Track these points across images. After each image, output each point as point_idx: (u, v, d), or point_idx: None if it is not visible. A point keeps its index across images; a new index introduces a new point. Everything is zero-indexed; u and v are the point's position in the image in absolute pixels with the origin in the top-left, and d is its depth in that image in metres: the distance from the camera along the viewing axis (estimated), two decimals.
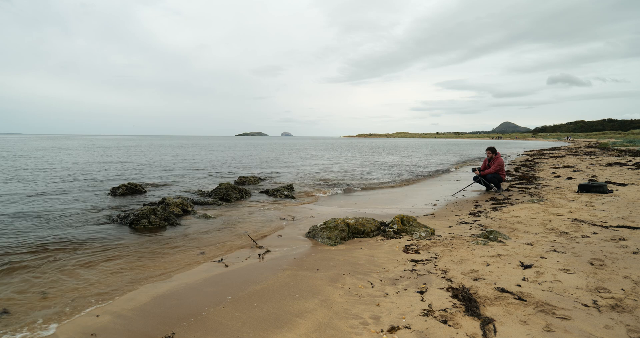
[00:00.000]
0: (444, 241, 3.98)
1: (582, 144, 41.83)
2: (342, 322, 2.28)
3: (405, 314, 2.33)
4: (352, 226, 4.44)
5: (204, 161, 18.44)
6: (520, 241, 3.87)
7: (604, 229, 4.19)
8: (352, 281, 2.95)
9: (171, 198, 6.14)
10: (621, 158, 14.57)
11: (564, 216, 4.96)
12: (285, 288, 2.86)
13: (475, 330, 2.09)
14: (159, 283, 3.09)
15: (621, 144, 31.27)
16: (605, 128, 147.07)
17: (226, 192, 7.46)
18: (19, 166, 13.76)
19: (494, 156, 8.11)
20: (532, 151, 29.66)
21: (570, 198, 6.29)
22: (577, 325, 2.11)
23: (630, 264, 3.04)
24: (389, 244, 4.01)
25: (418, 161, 20.64)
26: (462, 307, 2.38)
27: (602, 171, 10.18)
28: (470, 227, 4.68)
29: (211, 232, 4.91)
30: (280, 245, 4.20)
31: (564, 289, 2.61)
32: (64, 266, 3.53)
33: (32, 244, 4.20)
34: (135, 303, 2.67)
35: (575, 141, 67.58)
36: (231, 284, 2.99)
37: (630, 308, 2.28)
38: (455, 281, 2.82)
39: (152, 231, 4.82)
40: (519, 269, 3.03)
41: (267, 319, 2.36)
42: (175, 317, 2.44)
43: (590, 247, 3.54)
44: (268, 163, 18.07)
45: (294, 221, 5.50)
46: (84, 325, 2.37)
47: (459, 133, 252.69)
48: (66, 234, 4.67)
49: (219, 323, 2.33)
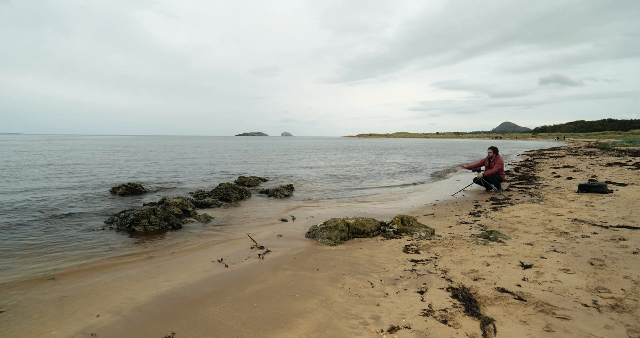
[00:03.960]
0: (444, 241, 3.98)
1: (582, 144, 41.82)
2: (342, 322, 2.28)
3: (405, 314, 2.33)
4: (352, 226, 4.44)
5: (204, 161, 18.44)
6: (520, 241, 3.87)
7: (604, 229, 4.19)
8: (352, 281, 2.95)
9: (171, 198, 6.14)
10: (621, 158, 14.57)
11: (564, 216, 4.96)
12: (285, 288, 2.86)
13: (475, 330, 2.09)
14: (159, 283, 3.09)
15: (621, 144, 31.27)
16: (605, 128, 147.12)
17: (226, 192, 7.47)
18: (19, 167, 13.76)
19: (494, 156, 8.13)
20: (532, 151, 29.66)
21: (570, 198, 6.29)
22: (577, 325, 2.11)
23: (630, 264, 3.04)
24: (389, 244, 4.01)
25: (418, 161, 20.65)
26: (462, 307, 2.38)
27: (602, 171, 10.18)
28: (470, 227, 4.68)
29: (211, 232, 4.91)
30: (280, 245, 4.20)
31: (564, 289, 2.61)
32: (64, 266, 3.53)
33: (31, 243, 4.20)
34: (135, 303, 2.67)
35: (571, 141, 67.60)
36: (231, 284, 2.99)
37: (630, 308, 2.28)
38: (455, 281, 2.82)
39: (152, 232, 4.82)
40: (519, 269, 3.03)
41: (267, 319, 2.36)
42: (175, 317, 2.44)
43: (590, 247, 3.54)
44: (268, 163, 18.07)
45: (294, 221, 5.50)
46: (84, 325, 2.37)
47: (458, 133, 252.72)
48: (66, 234, 4.67)
49: (219, 323, 2.33)
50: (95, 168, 14.01)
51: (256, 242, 4.27)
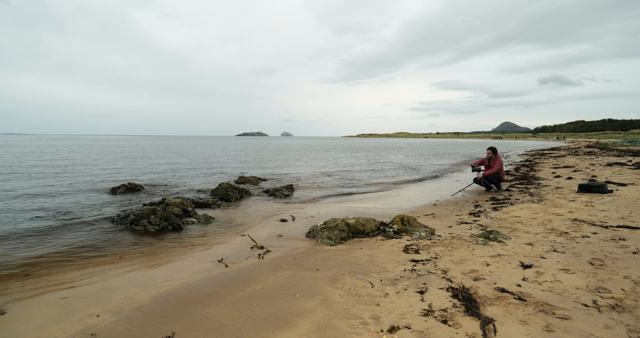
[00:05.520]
0: (444, 241, 3.98)
1: (582, 144, 41.82)
2: (342, 322, 2.28)
3: (405, 314, 2.33)
4: (352, 226, 4.44)
5: (204, 161, 18.45)
6: (520, 241, 3.87)
7: (604, 229, 4.19)
8: (352, 281, 2.95)
9: (171, 198, 6.14)
10: (621, 158, 14.57)
11: (564, 216, 4.96)
12: (285, 288, 2.86)
13: (475, 330, 2.09)
14: (158, 283, 3.09)
15: (621, 144, 31.27)
16: (605, 128, 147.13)
17: (226, 192, 7.47)
18: (19, 166, 13.76)
19: (494, 156, 8.14)
20: (532, 151, 29.66)
21: (570, 198, 6.29)
22: (577, 325, 2.11)
23: (630, 264, 3.04)
24: (389, 244, 4.01)
25: (419, 161, 20.65)
26: (462, 307, 2.38)
27: (602, 171, 10.18)
28: (470, 227, 4.68)
29: (211, 232, 4.91)
30: (280, 245, 4.20)
31: (564, 289, 2.61)
32: (63, 266, 3.53)
33: (31, 243, 4.20)
34: (135, 303, 2.67)
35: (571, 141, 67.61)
36: (231, 284, 2.99)
37: (630, 308, 2.28)
38: (455, 281, 2.82)
39: (152, 232, 4.82)
40: (519, 269, 3.03)
41: (267, 319, 2.36)
42: (175, 317, 2.44)
43: (590, 247, 3.54)
44: (268, 163, 18.08)
45: (294, 221, 5.50)
46: (84, 324, 2.37)
47: (458, 133, 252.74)
48: (65, 234, 4.67)
49: (219, 323, 2.33)
50: (95, 168, 14.01)
51: (256, 242, 4.27)
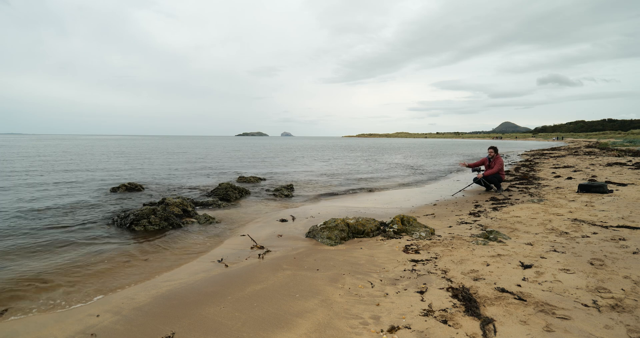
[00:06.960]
0: (444, 241, 3.98)
1: (582, 144, 41.81)
2: (342, 322, 2.28)
3: (405, 314, 2.33)
4: (352, 226, 4.44)
5: (204, 161, 18.45)
6: (520, 241, 3.87)
7: (604, 229, 4.19)
8: (352, 281, 2.95)
9: (171, 198, 6.14)
10: (621, 158, 14.57)
11: (564, 216, 4.96)
12: (285, 288, 2.86)
13: (475, 330, 2.09)
14: (158, 283, 3.09)
15: (621, 144, 31.27)
16: (605, 128, 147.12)
17: (226, 192, 7.47)
18: (20, 166, 13.76)
19: (495, 156, 8.13)
20: (532, 151, 29.66)
21: (570, 198, 6.29)
22: (577, 325, 2.11)
23: (630, 264, 3.04)
24: (389, 244, 4.01)
25: (418, 161, 20.65)
26: (462, 307, 2.38)
27: (602, 171, 10.18)
28: (470, 227, 4.68)
29: (211, 232, 4.91)
30: (280, 245, 4.20)
31: (564, 289, 2.61)
32: (63, 266, 3.53)
33: (31, 243, 4.20)
34: (135, 303, 2.67)
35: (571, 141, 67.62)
36: (231, 284, 2.99)
37: (630, 308, 2.28)
38: (455, 281, 2.82)
39: (152, 232, 4.82)
40: (519, 269, 3.03)
41: (267, 319, 2.36)
42: (175, 317, 2.44)
43: (590, 247, 3.54)
44: (268, 163, 18.08)
45: (294, 221, 5.50)
46: (84, 325, 2.37)
47: (459, 133, 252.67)
48: (65, 234, 4.67)
49: (219, 323, 2.33)
50: (95, 168, 14.01)
51: (256, 242, 4.27)
